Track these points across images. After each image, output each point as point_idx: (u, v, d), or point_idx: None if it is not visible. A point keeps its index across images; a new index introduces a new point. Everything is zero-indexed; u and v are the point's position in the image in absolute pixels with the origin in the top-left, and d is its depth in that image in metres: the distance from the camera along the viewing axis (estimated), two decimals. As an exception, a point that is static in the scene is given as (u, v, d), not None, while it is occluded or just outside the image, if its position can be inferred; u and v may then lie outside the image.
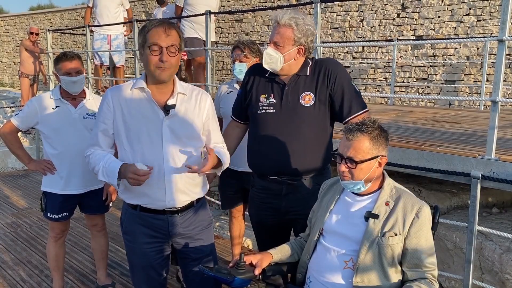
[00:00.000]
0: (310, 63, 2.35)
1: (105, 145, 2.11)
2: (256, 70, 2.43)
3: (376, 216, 1.79)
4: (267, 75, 2.37)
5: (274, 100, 2.33)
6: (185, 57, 7.19)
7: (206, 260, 2.23)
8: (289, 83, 2.32)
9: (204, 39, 5.67)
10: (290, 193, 2.33)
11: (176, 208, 2.12)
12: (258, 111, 2.36)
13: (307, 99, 2.29)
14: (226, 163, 2.20)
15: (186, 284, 2.37)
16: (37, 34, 9.23)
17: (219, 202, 5.04)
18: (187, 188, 2.13)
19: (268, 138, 2.33)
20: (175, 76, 2.11)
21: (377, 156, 1.81)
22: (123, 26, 7.41)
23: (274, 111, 2.32)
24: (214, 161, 2.06)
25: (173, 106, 2.05)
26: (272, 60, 2.26)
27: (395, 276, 1.78)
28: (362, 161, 1.79)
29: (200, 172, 2.00)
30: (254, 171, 2.48)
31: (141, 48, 2.00)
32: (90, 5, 7.19)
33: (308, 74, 2.32)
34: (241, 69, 3.16)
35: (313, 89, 2.29)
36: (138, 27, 6.15)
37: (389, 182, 1.89)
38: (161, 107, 2.05)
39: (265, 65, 2.29)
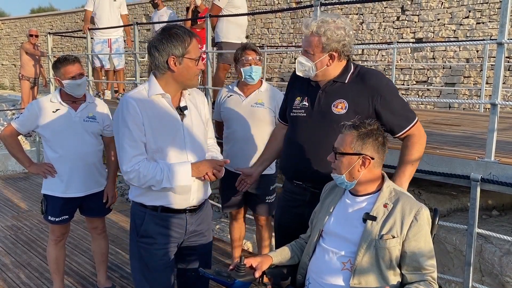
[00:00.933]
0: (352, 70, 2.24)
1: (146, 154, 2.05)
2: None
3: (373, 218, 1.80)
4: (306, 78, 2.33)
5: (307, 104, 2.29)
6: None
7: (207, 256, 2.32)
8: (323, 87, 2.25)
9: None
10: (314, 201, 2.23)
11: (195, 206, 2.20)
12: (291, 114, 2.35)
13: (340, 106, 2.21)
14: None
15: (182, 280, 2.34)
16: (36, 36, 9.24)
17: (219, 205, 5.05)
18: (204, 186, 2.23)
19: (296, 141, 2.31)
20: None
21: (360, 154, 1.81)
22: (123, 31, 7.43)
23: (304, 115, 2.28)
24: None
25: (186, 107, 2.14)
26: (305, 68, 2.22)
27: (393, 278, 1.77)
28: (341, 153, 1.83)
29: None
30: (282, 173, 2.48)
31: (178, 58, 2.01)
32: (90, 9, 7.20)
33: (346, 81, 2.23)
34: (258, 73, 3.18)
35: (348, 98, 2.20)
36: (139, 30, 6.16)
37: (389, 184, 1.89)
38: (176, 110, 2.12)
39: (298, 73, 2.26)
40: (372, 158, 1.83)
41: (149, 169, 2.01)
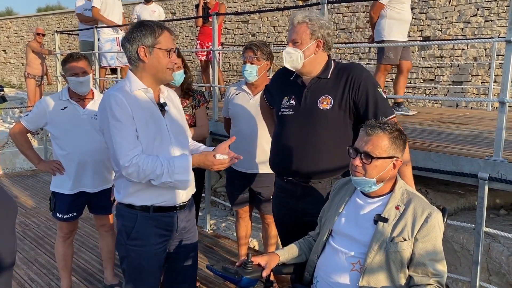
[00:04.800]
0: (333, 66, 2.34)
1: (141, 146, 2.02)
2: (283, 73, 2.47)
3: (385, 220, 1.78)
4: (291, 78, 2.41)
5: (294, 102, 2.36)
6: (203, 58, 7.22)
7: (194, 253, 2.32)
8: (309, 85, 2.33)
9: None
10: (305, 195, 2.34)
11: (184, 202, 2.19)
12: (279, 113, 2.42)
13: (325, 102, 2.28)
14: None
15: (172, 276, 2.33)
16: (43, 35, 9.32)
17: (225, 203, 5.06)
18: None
19: (285, 139, 2.37)
20: None
21: (394, 157, 1.80)
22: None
23: (292, 113, 2.35)
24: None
25: (166, 104, 2.14)
26: (292, 58, 2.28)
27: (403, 281, 1.76)
28: (378, 158, 1.78)
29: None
30: (272, 170, 2.53)
31: (147, 48, 2.01)
32: (98, 6, 7.23)
33: (329, 77, 2.31)
34: (251, 71, 3.16)
35: (332, 93, 2.27)
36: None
37: (401, 185, 1.87)
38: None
39: (286, 64, 2.32)
40: (400, 159, 1.83)
41: (148, 163, 1.95)
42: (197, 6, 7.31)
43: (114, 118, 1.97)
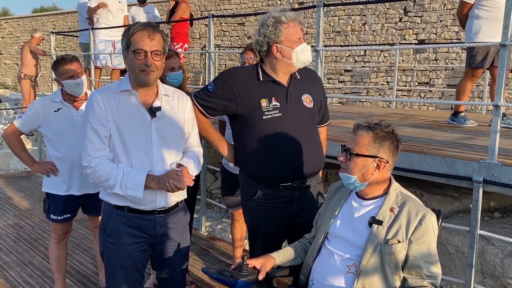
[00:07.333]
0: None
1: (108, 149, 2.05)
2: (246, 75, 2.30)
3: (379, 222, 1.78)
4: (261, 80, 2.27)
5: (278, 104, 2.25)
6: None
7: (182, 261, 2.29)
8: (288, 84, 2.33)
9: None
10: (301, 197, 2.33)
11: (164, 208, 2.15)
12: (263, 117, 2.24)
13: (308, 100, 2.34)
14: (198, 169, 2.22)
15: (160, 285, 2.34)
16: (43, 39, 9.41)
17: (220, 205, 5.05)
18: None
19: (279, 143, 2.25)
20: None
21: (376, 157, 1.80)
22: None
23: (280, 114, 2.25)
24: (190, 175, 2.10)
25: (159, 108, 2.09)
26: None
27: (398, 283, 1.76)
28: (357, 155, 1.80)
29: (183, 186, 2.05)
30: (265, 180, 2.31)
31: (125, 51, 2.03)
32: (93, 5, 7.22)
33: (299, 77, 2.37)
34: None
35: (309, 92, 2.37)
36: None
37: (395, 187, 1.88)
38: (147, 110, 2.07)
39: (309, 60, 2.30)
40: (387, 162, 1.82)
41: (105, 171, 1.99)
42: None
43: (86, 119, 2.05)
